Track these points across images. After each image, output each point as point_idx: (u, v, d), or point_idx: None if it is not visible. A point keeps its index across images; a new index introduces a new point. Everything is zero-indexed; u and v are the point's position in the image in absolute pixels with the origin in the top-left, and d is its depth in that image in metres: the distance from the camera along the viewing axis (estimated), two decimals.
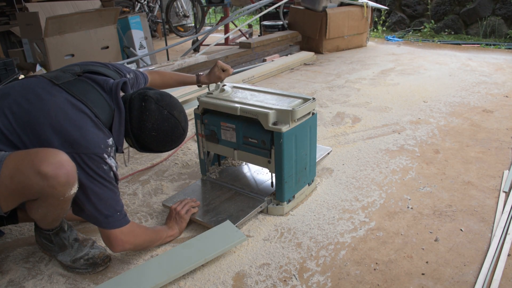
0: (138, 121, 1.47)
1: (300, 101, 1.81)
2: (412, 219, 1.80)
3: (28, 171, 1.21)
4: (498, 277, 1.43)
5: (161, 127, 1.49)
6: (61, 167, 1.24)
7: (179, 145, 1.64)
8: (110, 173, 1.40)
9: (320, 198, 1.99)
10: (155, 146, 1.54)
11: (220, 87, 1.99)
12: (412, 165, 2.25)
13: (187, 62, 3.77)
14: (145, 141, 1.51)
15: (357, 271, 1.51)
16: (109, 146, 1.40)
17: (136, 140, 1.51)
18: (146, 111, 1.46)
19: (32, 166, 1.21)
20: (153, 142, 1.51)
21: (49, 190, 1.25)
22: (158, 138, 1.50)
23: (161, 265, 1.51)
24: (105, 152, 1.37)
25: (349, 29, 5.11)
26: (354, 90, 3.58)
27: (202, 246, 1.60)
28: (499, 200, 1.88)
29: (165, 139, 1.53)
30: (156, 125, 1.48)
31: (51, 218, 1.44)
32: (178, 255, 1.56)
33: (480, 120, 2.80)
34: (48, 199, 1.29)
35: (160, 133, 1.50)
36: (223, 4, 5.57)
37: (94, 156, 1.34)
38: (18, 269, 1.61)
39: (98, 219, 1.41)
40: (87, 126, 1.35)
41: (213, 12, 8.82)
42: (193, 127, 2.92)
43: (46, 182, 1.22)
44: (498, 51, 4.83)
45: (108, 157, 1.38)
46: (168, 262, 1.52)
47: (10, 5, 5.55)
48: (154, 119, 1.47)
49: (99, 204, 1.39)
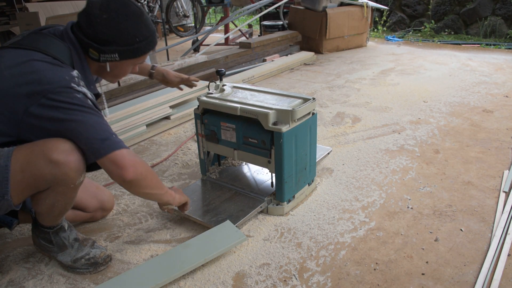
0: (91, 24, 1.33)
1: (300, 101, 1.81)
2: (412, 219, 1.80)
3: (39, 161, 1.26)
4: (498, 277, 1.43)
5: (120, 11, 1.34)
6: (71, 154, 1.29)
7: (153, 34, 1.44)
8: (86, 100, 1.29)
9: (320, 198, 1.99)
10: (124, 33, 1.35)
11: (220, 87, 1.99)
12: (412, 165, 2.25)
13: (187, 62, 3.77)
14: (109, 33, 1.33)
15: (357, 271, 1.51)
16: (75, 77, 1.30)
17: (101, 43, 1.34)
18: (94, 11, 1.33)
19: (43, 156, 1.26)
20: (118, 29, 1.34)
21: (61, 177, 1.29)
22: (120, 22, 1.34)
23: (161, 265, 1.51)
24: (72, 81, 1.27)
25: (349, 29, 5.11)
26: (354, 90, 3.58)
27: (202, 246, 1.60)
28: (499, 200, 1.88)
29: (131, 21, 1.35)
30: (114, 12, 1.34)
31: (58, 210, 1.43)
32: (178, 255, 1.56)
33: (480, 120, 2.80)
34: (58, 187, 1.32)
35: (121, 16, 1.34)
36: (223, 4, 5.56)
37: (62, 89, 1.25)
38: (18, 269, 1.61)
39: (96, 147, 1.27)
40: (43, 67, 1.26)
41: (213, 12, 8.82)
42: (193, 127, 2.92)
43: (58, 169, 1.27)
44: (498, 51, 4.83)
45: (78, 85, 1.28)
46: (168, 262, 1.52)
47: (10, 5, 5.56)
48: (110, 11, 1.33)
49: (90, 132, 1.27)
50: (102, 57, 1.37)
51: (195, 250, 1.58)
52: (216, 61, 4.09)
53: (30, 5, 5.24)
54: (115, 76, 1.51)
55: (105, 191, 1.88)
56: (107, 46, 1.35)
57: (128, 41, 1.37)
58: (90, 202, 1.80)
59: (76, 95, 1.26)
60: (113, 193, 2.10)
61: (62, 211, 1.46)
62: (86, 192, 1.79)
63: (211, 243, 1.60)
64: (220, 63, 4.11)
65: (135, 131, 2.72)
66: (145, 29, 1.40)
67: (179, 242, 1.72)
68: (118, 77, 1.52)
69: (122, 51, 1.38)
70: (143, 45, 1.41)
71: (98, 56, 1.37)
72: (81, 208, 1.78)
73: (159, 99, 2.90)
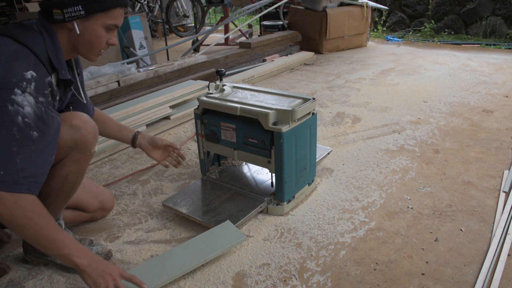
0: None
1: (300, 101, 1.81)
2: (412, 219, 1.80)
3: (61, 128, 1.33)
4: (498, 277, 1.43)
5: None
6: (88, 121, 1.42)
7: None
8: (16, 117, 1.13)
9: (320, 198, 1.99)
10: None
11: (220, 87, 1.99)
12: (412, 165, 2.25)
13: (187, 62, 3.77)
14: None
15: (357, 271, 1.51)
16: (25, 80, 1.17)
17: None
18: None
19: (64, 123, 1.36)
20: None
21: (80, 141, 1.38)
22: None
23: (161, 265, 1.51)
24: (17, 86, 1.14)
25: (349, 29, 5.11)
26: (354, 90, 3.58)
27: (202, 246, 1.60)
28: (499, 200, 1.88)
29: None
30: None
31: (68, 186, 1.43)
32: (178, 255, 1.56)
33: (480, 120, 2.80)
34: (76, 153, 1.39)
35: None
36: (223, 4, 5.57)
37: (0, 91, 1.13)
38: (18, 269, 1.61)
39: None
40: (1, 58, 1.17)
41: (213, 12, 8.82)
42: (193, 127, 2.92)
43: (79, 133, 1.37)
44: (498, 51, 4.83)
45: (22, 93, 1.15)
46: (168, 262, 1.52)
47: (10, 5, 5.56)
48: None
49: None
50: (66, 13, 1.27)
51: (195, 250, 1.58)
52: (216, 61, 4.09)
53: (30, 5, 5.24)
54: (89, 43, 1.35)
55: (105, 191, 1.88)
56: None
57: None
58: (91, 202, 1.80)
59: (8, 105, 1.13)
60: (113, 193, 2.10)
61: (69, 191, 1.46)
62: (86, 192, 1.79)
63: (211, 243, 1.60)
64: (220, 63, 4.11)
65: None
66: None
67: (179, 242, 1.72)
68: (93, 46, 1.37)
69: (86, 1, 1.27)
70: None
71: (62, 13, 1.27)
72: (82, 208, 1.78)
73: (159, 99, 2.90)
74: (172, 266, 1.50)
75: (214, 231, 1.66)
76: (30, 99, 1.16)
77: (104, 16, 1.32)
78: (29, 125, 1.16)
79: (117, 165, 2.43)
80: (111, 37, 1.39)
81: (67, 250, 1.23)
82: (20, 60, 1.19)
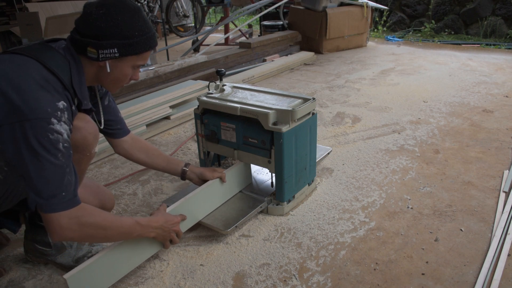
0: (88, 22, 1.29)
1: (300, 101, 1.81)
2: (412, 219, 1.80)
3: None
4: (498, 277, 1.43)
5: (118, 5, 1.32)
6: (89, 122, 1.41)
7: (152, 31, 1.40)
8: (58, 144, 1.21)
9: (320, 198, 1.99)
10: (122, 26, 1.31)
11: (220, 87, 1.99)
12: (412, 165, 2.25)
13: (187, 62, 3.77)
14: (107, 26, 1.29)
15: (357, 271, 1.51)
16: (59, 110, 1.22)
17: (99, 38, 1.30)
18: (91, 9, 1.30)
19: None
20: (116, 22, 1.30)
21: (81, 141, 1.37)
22: (118, 15, 1.31)
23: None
24: (53, 115, 1.19)
25: (349, 29, 5.11)
26: (354, 90, 3.58)
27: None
28: (499, 200, 1.88)
29: (129, 14, 1.32)
30: (111, 7, 1.31)
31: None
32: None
33: (480, 120, 2.80)
34: (75, 154, 1.36)
35: (118, 9, 1.31)
36: (223, 4, 5.57)
37: (39, 121, 1.17)
38: (18, 269, 1.61)
39: (38, 201, 1.21)
40: (31, 88, 1.19)
41: (213, 12, 8.82)
42: (193, 127, 2.92)
43: (79, 133, 1.36)
44: (498, 51, 4.83)
45: (58, 122, 1.21)
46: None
47: (10, 5, 5.56)
48: (106, 6, 1.30)
49: (41, 183, 1.19)
50: (101, 54, 1.32)
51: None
52: (216, 61, 4.09)
53: (30, 5, 5.24)
54: (115, 80, 1.43)
55: (105, 191, 1.88)
56: (105, 40, 1.30)
57: (127, 34, 1.32)
58: (91, 201, 1.79)
59: (49, 135, 1.19)
60: (113, 193, 2.10)
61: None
62: (87, 191, 1.78)
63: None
64: (220, 63, 4.11)
65: (135, 131, 2.72)
66: (144, 25, 1.37)
67: (179, 242, 1.72)
68: (118, 82, 1.44)
69: (121, 45, 1.32)
70: (143, 40, 1.37)
71: (97, 53, 1.32)
72: None
73: (159, 99, 2.90)
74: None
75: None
76: (66, 127, 1.24)
77: (135, 58, 1.38)
78: (67, 149, 1.25)
79: (117, 165, 2.43)
80: (135, 73, 1.45)
81: (135, 233, 1.43)
82: (52, 89, 1.22)
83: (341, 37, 5.12)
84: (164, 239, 1.55)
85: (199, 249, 1.68)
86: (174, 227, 1.56)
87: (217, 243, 1.71)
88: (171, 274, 1.55)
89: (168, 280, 1.52)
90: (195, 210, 1.72)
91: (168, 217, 1.55)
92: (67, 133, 1.24)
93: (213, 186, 1.79)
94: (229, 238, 1.73)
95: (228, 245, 1.69)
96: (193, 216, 1.71)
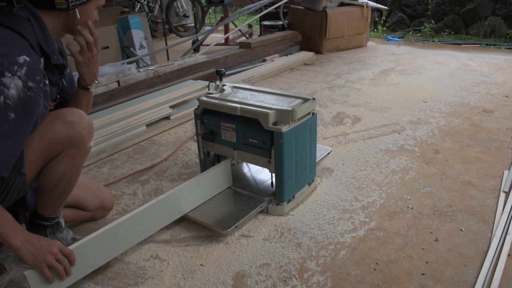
0: None
1: (300, 101, 1.81)
2: (412, 219, 1.80)
3: (56, 124, 1.37)
4: (498, 277, 1.43)
5: None
6: (83, 117, 1.44)
7: None
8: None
9: (320, 198, 1.99)
10: None
11: (220, 87, 1.99)
12: (412, 165, 2.25)
13: (187, 62, 3.77)
14: None
15: (357, 271, 1.51)
16: (17, 64, 1.19)
17: None
18: None
19: (58, 119, 1.39)
20: None
21: (75, 137, 1.40)
22: None
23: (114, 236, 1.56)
24: (7, 69, 1.17)
25: (349, 29, 5.11)
26: (354, 90, 3.58)
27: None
28: (499, 200, 1.88)
29: None
30: None
31: (63, 184, 1.44)
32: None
33: (480, 120, 2.80)
34: (71, 149, 1.40)
35: None
36: (223, 4, 5.56)
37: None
38: (18, 269, 1.61)
39: None
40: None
41: (213, 12, 8.82)
42: (193, 127, 2.92)
43: (73, 129, 1.39)
44: (498, 51, 4.83)
45: (11, 76, 1.18)
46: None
47: (10, 5, 5.54)
48: None
49: None
50: (71, 2, 1.36)
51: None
52: (216, 61, 4.09)
53: None
54: (85, 24, 1.45)
55: (105, 191, 1.88)
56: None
57: None
58: (91, 201, 1.80)
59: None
60: (113, 193, 2.10)
61: (66, 188, 1.47)
62: (87, 191, 1.79)
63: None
64: (220, 63, 4.11)
65: (135, 131, 2.72)
66: None
67: (179, 242, 1.72)
68: (85, 26, 1.47)
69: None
70: None
71: (66, 3, 1.35)
72: (82, 207, 1.78)
73: (159, 99, 2.90)
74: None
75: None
76: (18, 83, 1.19)
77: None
78: (8, 106, 1.18)
79: (117, 165, 2.43)
80: (96, 14, 1.50)
81: (3, 229, 1.26)
82: (13, 46, 1.23)
83: (341, 37, 5.12)
84: (37, 261, 1.30)
85: (199, 249, 1.68)
86: (50, 247, 1.33)
87: (217, 243, 1.71)
88: (171, 274, 1.55)
89: (168, 280, 1.52)
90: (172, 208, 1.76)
91: (49, 240, 1.37)
92: (18, 91, 1.18)
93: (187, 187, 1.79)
94: (229, 238, 1.73)
95: (228, 245, 1.69)
96: (177, 210, 1.76)
